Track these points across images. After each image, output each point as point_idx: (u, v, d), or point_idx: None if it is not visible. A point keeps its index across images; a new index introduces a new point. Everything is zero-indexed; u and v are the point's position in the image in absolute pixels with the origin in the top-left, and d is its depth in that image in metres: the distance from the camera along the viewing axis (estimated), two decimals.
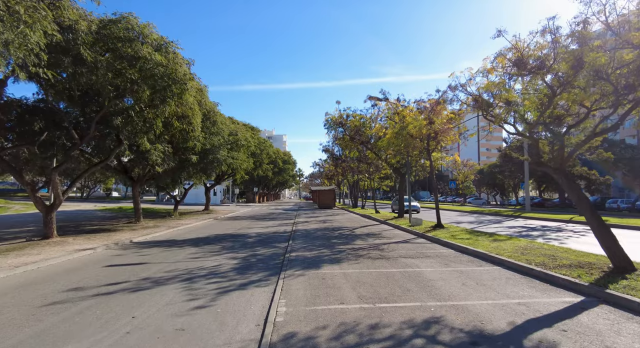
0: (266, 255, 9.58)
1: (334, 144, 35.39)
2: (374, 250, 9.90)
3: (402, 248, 10.21)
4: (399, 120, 13.69)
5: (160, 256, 9.35)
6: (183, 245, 11.49)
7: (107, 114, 11.83)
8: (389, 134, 14.51)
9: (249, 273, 7.26)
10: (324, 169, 56.04)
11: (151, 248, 10.86)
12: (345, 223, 19.07)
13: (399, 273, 7.02)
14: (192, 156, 16.34)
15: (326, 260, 8.61)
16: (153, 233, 14.42)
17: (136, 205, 18.39)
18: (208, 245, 11.46)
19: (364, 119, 19.40)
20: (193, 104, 11.31)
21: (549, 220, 20.26)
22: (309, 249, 10.29)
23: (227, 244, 11.59)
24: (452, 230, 13.37)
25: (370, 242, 11.73)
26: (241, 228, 17.24)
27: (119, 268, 7.86)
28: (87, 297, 5.54)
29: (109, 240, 11.83)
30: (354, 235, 13.59)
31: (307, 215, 27.09)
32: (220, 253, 9.75)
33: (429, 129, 13.03)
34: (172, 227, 17.13)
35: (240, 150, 23.52)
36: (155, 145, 15.02)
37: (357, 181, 35.05)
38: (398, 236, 13.18)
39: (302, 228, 16.89)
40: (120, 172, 17.96)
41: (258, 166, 32.87)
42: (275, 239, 12.87)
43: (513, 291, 5.72)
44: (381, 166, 26.51)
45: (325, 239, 12.53)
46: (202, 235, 14.35)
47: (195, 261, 8.61)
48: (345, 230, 15.90)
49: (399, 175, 20.34)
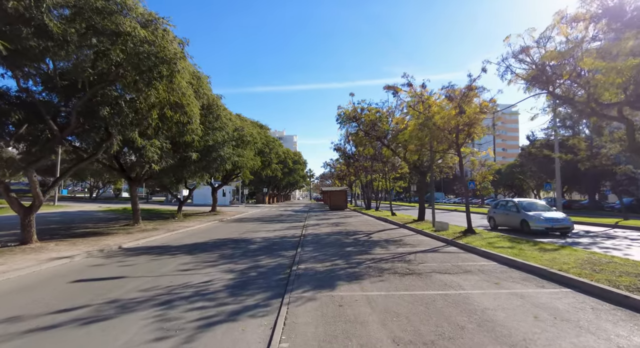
0: (269, 266, 8.00)
1: (346, 142, 33.74)
2: (400, 262, 8.20)
3: (432, 260, 8.48)
4: (423, 109, 11.98)
5: (145, 267, 7.88)
6: (176, 252, 10.04)
7: (94, 103, 10.50)
8: (411, 126, 12.79)
9: (245, 295, 5.69)
10: (335, 169, 54.40)
11: (139, 256, 9.44)
12: (360, 227, 17.38)
13: (440, 298, 5.32)
14: (191, 153, 14.94)
15: (342, 275, 6.97)
16: (148, 238, 13.06)
17: (134, 206, 17.13)
18: (204, 252, 9.97)
19: (380, 113, 17.71)
20: (187, 89, 9.86)
21: (589, 224, 18.07)
22: (321, 260, 8.67)
23: (227, 252, 10.08)
24: (486, 236, 11.54)
25: (392, 250, 10.03)
26: (246, 232, 15.76)
27: (87, 285, 6.40)
28: (16, 335, 4.04)
29: (95, 246, 10.47)
30: (372, 242, 11.90)
31: (317, 218, 25.49)
32: (215, 264, 8.23)
33: (459, 120, 11.26)
34: (172, 230, 15.78)
35: (247, 148, 22.09)
36: (151, 140, 13.68)
37: (370, 181, 33.26)
38: (423, 243, 11.43)
39: (313, 232, 15.28)
40: (117, 170, 16.72)
41: (267, 165, 31.45)
42: (281, 246, 11.30)
43: (619, 334, 3.97)
44: (398, 165, 24.73)
45: (338, 246, 10.89)
46: (201, 240, 12.90)
47: (183, 275, 7.10)
48: (360, 235, 14.21)
49: (418, 173, 18.56)
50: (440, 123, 11.69)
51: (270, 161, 31.65)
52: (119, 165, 16.93)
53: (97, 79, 9.45)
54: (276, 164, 34.69)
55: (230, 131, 18.21)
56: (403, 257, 8.86)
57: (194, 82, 11.77)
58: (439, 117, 11.69)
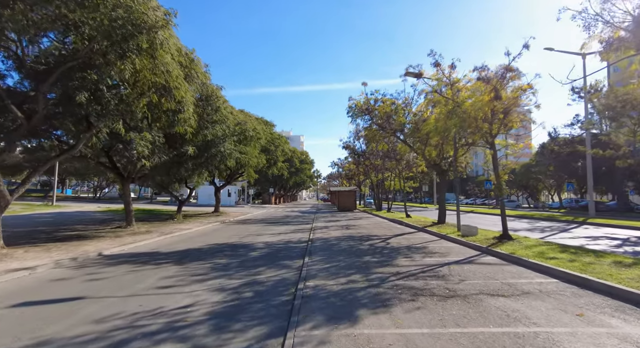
0: (270, 283, 6.41)
1: (355, 139, 32.07)
2: (433, 278, 6.53)
3: (473, 275, 6.80)
4: (452, 94, 10.30)
5: (116, 283, 6.36)
6: (163, 261, 8.52)
7: (70, 88, 9.06)
8: (436, 113, 11.09)
9: (233, 330, 4.11)
10: (343, 169, 52.72)
11: (117, 266, 7.94)
12: (373, 230, 15.70)
13: (510, 343, 3.66)
14: (188, 147, 13.45)
15: (363, 298, 5.34)
16: (138, 242, 11.60)
17: (127, 206, 15.74)
18: (196, 262, 8.44)
19: (395, 105, 16.02)
20: (173, 67, 8.31)
21: (636, 228, 15.95)
22: (333, 273, 7.04)
23: (221, 261, 8.53)
24: (527, 244, 9.79)
25: (418, 260, 8.36)
26: (248, 235, 14.22)
27: (27, 311, 4.88)
28: None
29: (70, 253, 9.01)
30: (392, 249, 10.23)
31: (326, 219, 23.86)
32: (204, 279, 6.67)
33: (495, 106, 9.53)
34: (167, 233, 14.32)
35: (250, 144, 20.56)
36: (142, 134, 12.23)
37: (381, 181, 31.51)
38: (453, 251, 9.72)
39: (322, 236, 13.66)
40: (108, 167, 15.34)
41: (272, 164, 29.92)
42: (286, 253, 9.71)
43: None
44: (413, 162, 22.96)
45: (353, 255, 9.25)
46: (196, 245, 11.39)
47: (160, 295, 5.56)
48: (376, 240, 12.54)
49: (437, 172, 16.82)
50: (471, 110, 9.97)
51: (276, 159, 30.13)
52: (110, 161, 15.54)
53: (69, 57, 7.99)
54: (282, 163, 33.13)
55: (231, 125, 16.70)
56: (435, 271, 7.18)
57: (184, 61, 10.26)
58: (470, 103, 9.98)
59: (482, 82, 9.83)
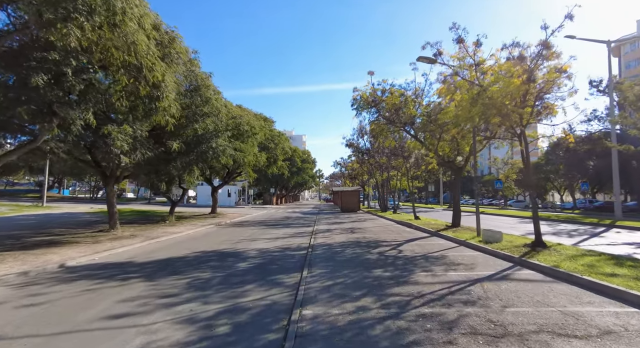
0: (255, 311, 4.94)
1: (359, 136, 30.59)
2: (467, 303, 5.03)
3: (517, 298, 5.28)
4: (477, 77, 8.78)
5: (55, 310, 4.92)
6: (132, 275, 7.08)
7: (25, 69, 7.67)
8: (457, 100, 9.56)
9: None
10: (346, 169, 51.21)
11: (74, 282, 6.52)
12: (381, 235, 14.19)
13: None
14: (171, 142, 11.99)
15: (381, 339, 3.85)
16: (115, 249, 10.20)
17: (110, 208, 14.36)
18: (172, 276, 6.99)
19: (405, 96, 14.50)
20: (141, 40, 6.81)
21: None
22: (338, 296, 5.56)
23: (203, 276, 7.07)
24: (567, 253, 8.25)
25: (440, 275, 6.85)
26: (242, 240, 12.77)
27: None
28: None
29: (26, 265, 7.60)
30: (406, 259, 8.71)
31: (328, 221, 22.37)
32: (173, 303, 5.22)
33: (529, 90, 8.01)
34: (153, 237, 12.91)
35: (248, 141, 19.08)
36: (121, 127, 10.81)
37: (386, 180, 29.94)
38: (479, 262, 8.20)
39: (324, 242, 12.18)
40: (89, 164, 13.96)
41: (272, 163, 28.44)
42: (281, 264, 8.23)
43: None
44: (422, 160, 21.41)
45: (361, 266, 7.75)
46: (180, 253, 9.95)
47: (103, 332, 4.11)
48: (385, 246, 11.04)
49: (451, 169, 15.30)
50: (498, 96, 8.44)
51: (275, 158, 28.65)
52: (93, 159, 14.14)
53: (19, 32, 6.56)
54: (282, 161, 31.64)
55: (224, 119, 15.25)
56: (466, 291, 5.68)
57: (159, 36, 8.74)
58: (497, 88, 8.45)
59: (513, 62, 8.30)
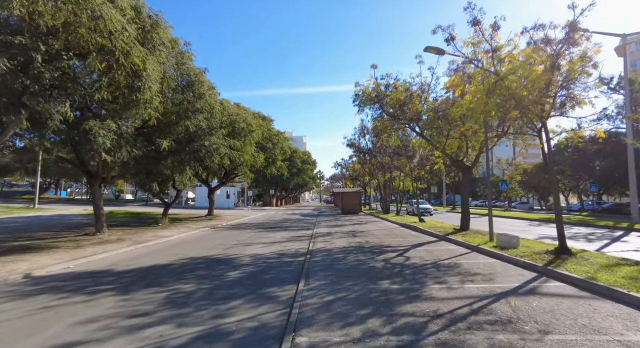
0: (239, 335, 4.06)
1: (361, 136, 29.71)
2: (495, 327, 4.13)
3: (553, 319, 4.38)
4: (492, 65, 7.90)
5: None
6: (104, 287, 6.21)
7: None
8: (471, 92, 8.67)
9: None
10: (347, 170, 50.30)
11: (33, 297, 5.65)
12: (385, 239, 13.28)
13: None
14: (161, 141, 11.12)
15: None
16: (96, 255, 9.35)
17: (96, 210, 13.48)
18: (148, 289, 6.12)
19: (410, 91, 13.62)
20: (110, 15, 5.94)
21: None
22: (340, 316, 4.66)
23: (185, 288, 6.19)
24: (597, 261, 7.34)
25: (456, 287, 5.95)
26: (236, 244, 11.89)
27: None
28: None
29: None
30: (415, 268, 7.80)
31: (329, 224, 21.46)
32: (142, 325, 4.35)
33: (551, 78, 7.13)
34: (141, 242, 12.05)
35: (245, 140, 18.17)
36: (104, 122, 9.95)
37: (389, 181, 29.04)
38: (497, 271, 7.29)
39: (323, 247, 11.29)
40: (73, 163, 13.11)
41: (270, 163, 27.56)
42: (275, 274, 7.34)
43: None
44: (427, 160, 20.51)
45: (366, 277, 6.85)
46: (166, 259, 9.07)
47: None
48: (391, 252, 10.14)
49: (460, 169, 14.41)
50: (517, 86, 7.57)
51: (274, 158, 27.74)
52: (77, 157, 13.29)
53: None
54: (281, 162, 30.74)
55: (218, 116, 14.37)
56: (490, 309, 4.79)
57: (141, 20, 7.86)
58: (515, 77, 7.57)
59: (533, 48, 7.43)
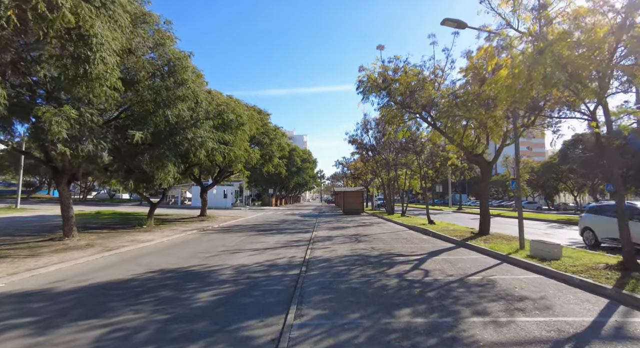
0: None
1: (364, 132, 27.99)
2: None
3: None
4: (537, 28, 6.21)
5: None
6: (19, 320, 4.55)
7: None
8: (507, 64, 6.98)
9: None
10: (348, 168, 48.57)
11: None
12: (394, 245, 11.57)
13: None
14: (133, 132, 9.45)
15: None
16: (47, 267, 7.73)
17: (64, 211, 11.90)
18: (82, 321, 4.46)
19: (422, 75, 11.90)
20: None
21: None
22: None
23: (131, 321, 4.51)
24: None
25: (507, 325, 4.26)
26: (222, 251, 10.21)
27: None
28: None
29: None
30: (441, 289, 6.09)
31: (329, 225, 19.77)
32: None
33: (617, 41, 5.42)
34: (112, 248, 10.42)
35: (234, 132, 16.47)
36: (60, 108, 8.30)
37: (394, 178, 27.32)
38: (551, 295, 5.58)
39: (322, 255, 9.59)
40: (36, 159, 11.46)
41: (267, 160, 25.88)
42: (259, 297, 5.63)
43: None
44: (437, 156, 18.80)
45: (377, 304, 5.15)
46: (127, 273, 7.39)
47: None
48: (404, 263, 8.44)
49: (477, 164, 12.72)
50: (567, 52, 5.85)
51: (271, 154, 26.05)
52: (44, 152, 11.65)
53: None
54: (279, 159, 29.05)
55: (204, 105, 12.67)
56: None
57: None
58: (568, 43, 5.86)
59: (589, 11, 5.72)
